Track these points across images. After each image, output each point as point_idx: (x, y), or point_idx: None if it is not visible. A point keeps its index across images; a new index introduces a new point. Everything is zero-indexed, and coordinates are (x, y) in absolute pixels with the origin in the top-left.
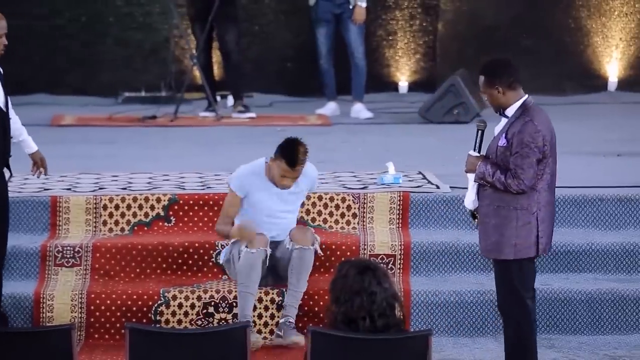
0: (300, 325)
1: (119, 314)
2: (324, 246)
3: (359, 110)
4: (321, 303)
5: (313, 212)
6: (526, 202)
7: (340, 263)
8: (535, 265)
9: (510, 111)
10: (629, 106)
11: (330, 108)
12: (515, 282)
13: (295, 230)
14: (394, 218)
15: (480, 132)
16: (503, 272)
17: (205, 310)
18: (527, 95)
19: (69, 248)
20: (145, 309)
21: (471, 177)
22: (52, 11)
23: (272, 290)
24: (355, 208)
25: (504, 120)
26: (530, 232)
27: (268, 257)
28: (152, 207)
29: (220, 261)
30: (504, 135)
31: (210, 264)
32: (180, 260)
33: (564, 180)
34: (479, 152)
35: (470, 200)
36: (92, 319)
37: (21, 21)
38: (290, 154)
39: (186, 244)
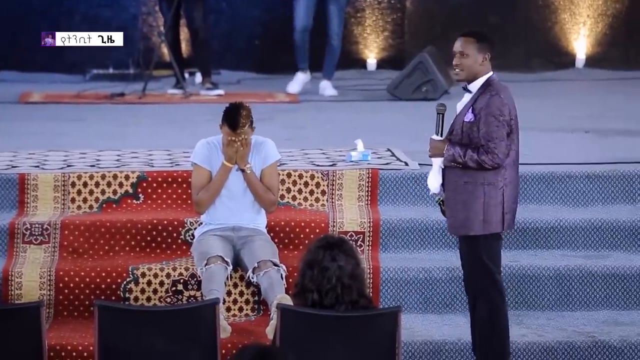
0: None
1: (87, 291)
2: (292, 223)
3: (325, 87)
4: (290, 280)
5: (282, 190)
6: (493, 177)
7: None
8: (501, 245)
9: (475, 86)
10: (597, 83)
11: (299, 78)
12: (484, 257)
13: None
14: (362, 195)
15: (440, 115)
16: (471, 249)
17: (174, 288)
18: (492, 72)
19: (37, 225)
20: (114, 286)
21: (436, 161)
22: None
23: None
24: (323, 185)
25: (467, 96)
26: (497, 208)
27: (230, 270)
28: (121, 185)
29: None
30: (470, 110)
31: (179, 241)
32: (149, 238)
33: (532, 157)
34: (441, 135)
35: (437, 184)
36: (60, 297)
37: None
38: (232, 116)
39: (155, 221)
